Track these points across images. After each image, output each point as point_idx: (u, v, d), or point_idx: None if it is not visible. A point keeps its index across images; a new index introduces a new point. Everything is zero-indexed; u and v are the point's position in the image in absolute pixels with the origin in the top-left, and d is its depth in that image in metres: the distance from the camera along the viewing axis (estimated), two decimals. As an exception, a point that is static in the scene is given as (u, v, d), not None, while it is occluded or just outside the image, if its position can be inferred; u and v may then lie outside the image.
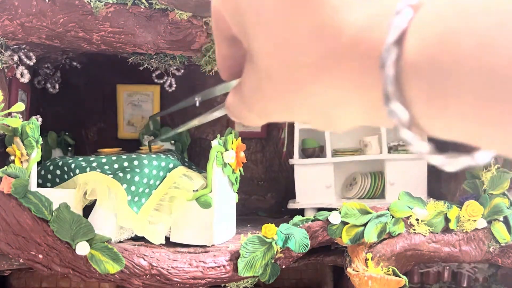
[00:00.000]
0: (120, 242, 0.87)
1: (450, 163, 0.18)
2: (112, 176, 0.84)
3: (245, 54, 0.26)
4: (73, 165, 0.88)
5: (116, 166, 0.88)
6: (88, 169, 0.86)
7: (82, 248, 0.76)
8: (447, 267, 1.06)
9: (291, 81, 0.21)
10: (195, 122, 0.36)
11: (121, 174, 0.85)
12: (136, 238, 0.89)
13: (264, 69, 0.22)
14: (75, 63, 1.15)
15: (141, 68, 1.03)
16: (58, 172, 0.90)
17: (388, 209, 0.87)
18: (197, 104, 0.38)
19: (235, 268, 0.82)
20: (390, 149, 1.07)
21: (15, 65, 0.90)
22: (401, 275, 0.84)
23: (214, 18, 0.25)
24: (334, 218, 0.86)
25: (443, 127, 0.17)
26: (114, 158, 0.90)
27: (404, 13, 0.17)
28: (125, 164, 0.89)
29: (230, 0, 0.23)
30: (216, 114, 0.32)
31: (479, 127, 0.16)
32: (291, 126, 1.16)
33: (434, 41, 0.16)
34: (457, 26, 0.16)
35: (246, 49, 0.24)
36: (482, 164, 0.18)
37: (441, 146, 0.19)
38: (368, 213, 0.86)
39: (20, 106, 0.80)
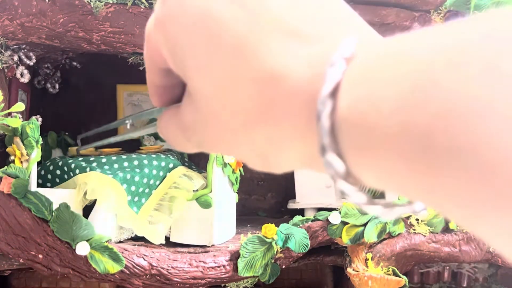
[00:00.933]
0: (120, 242, 0.87)
1: (387, 213, 0.18)
2: (112, 176, 0.84)
3: (180, 84, 0.26)
4: (73, 165, 0.88)
5: (116, 166, 0.88)
6: (88, 169, 0.86)
7: (82, 248, 0.76)
8: (447, 267, 1.06)
9: (232, 125, 0.21)
10: (129, 135, 0.37)
11: (121, 174, 0.85)
12: (136, 238, 0.89)
13: (204, 110, 0.22)
14: (75, 63, 1.15)
15: (141, 68, 1.03)
16: (58, 172, 0.90)
17: (388, 209, 0.87)
18: (128, 126, 0.38)
19: (235, 268, 0.82)
20: (390, 149, 1.07)
21: (15, 65, 0.90)
22: (401, 275, 0.84)
23: (149, 49, 0.25)
24: (334, 218, 0.86)
25: (375, 179, 0.17)
26: (114, 158, 0.90)
27: (338, 65, 0.17)
28: (125, 164, 0.89)
29: (168, 36, 0.22)
30: (150, 130, 0.32)
31: (404, 180, 0.16)
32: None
33: (361, 97, 0.17)
34: (382, 82, 0.16)
35: (184, 83, 0.24)
36: (420, 212, 0.18)
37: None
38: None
39: (20, 106, 0.80)
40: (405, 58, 0.16)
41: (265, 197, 1.28)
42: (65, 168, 0.89)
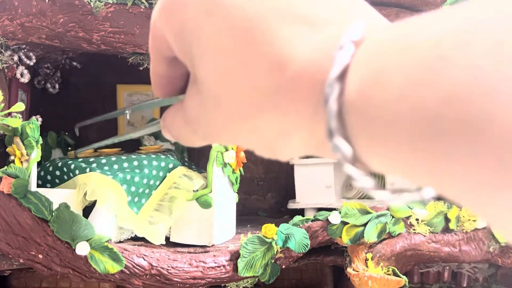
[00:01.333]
0: (120, 242, 0.87)
1: (394, 199, 0.18)
2: (112, 176, 0.84)
3: (183, 74, 0.26)
4: (72, 166, 0.88)
5: (116, 166, 0.88)
6: (87, 169, 0.86)
7: (82, 248, 0.76)
8: (447, 267, 1.06)
9: (238, 112, 0.21)
10: (130, 135, 0.37)
11: (121, 175, 0.85)
12: (136, 238, 0.89)
13: (211, 97, 0.22)
14: (75, 63, 1.15)
15: (141, 68, 1.03)
16: (57, 173, 0.90)
17: (388, 209, 0.87)
18: (128, 116, 0.38)
19: (235, 268, 0.82)
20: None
21: (15, 65, 0.90)
22: (401, 275, 0.84)
23: (153, 36, 0.24)
24: (334, 218, 0.86)
25: (383, 163, 0.17)
26: (113, 158, 0.90)
27: (347, 48, 0.17)
28: (125, 164, 0.89)
29: (175, 23, 0.22)
30: (151, 129, 0.32)
31: (411, 166, 0.16)
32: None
33: (370, 80, 0.16)
34: (391, 64, 0.16)
35: (190, 72, 0.24)
36: (428, 199, 0.18)
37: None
38: (368, 213, 0.86)
39: (20, 106, 0.80)
40: (413, 41, 0.16)
41: (265, 197, 1.28)
42: (65, 169, 0.89)
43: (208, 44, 0.21)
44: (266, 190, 1.28)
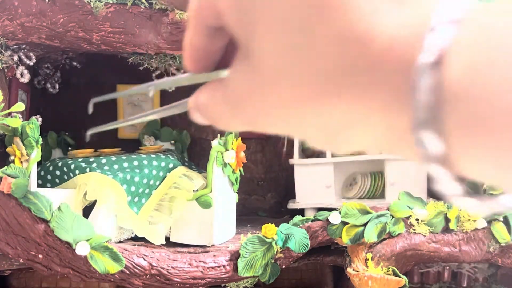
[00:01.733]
0: (120, 242, 0.87)
1: (482, 207, 0.16)
2: (112, 176, 0.84)
3: (221, 48, 0.23)
4: (72, 166, 0.88)
5: (116, 166, 0.88)
6: (88, 169, 0.86)
7: (82, 248, 0.76)
8: (447, 267, 1.06)
9: (300, 92, 0.18)
10: (152, 116, 0.33)
11: (121, 175, 0.85)
12: (136, 238, 0.89)
13: (268, 74, 0.19)
14: (75, 63, 1.15)
15: (141, 68, 1.03)
16: (57, 173, 0.90)
17: (388, 209, 0.87)
18: (150, 94, 0.34)
19: (235, 268, 0.82)
20: (390, 149, 1.07)
21: (15, 65, 0.90)
22: (401, 275, 0.84)
23: (200, 3, 0.21)
24: (334, 218, 0.86)
25: (482, 168, 0.15)
26: (113, 158, 0.90)
27: (441, 30, 0.15)
28: (125, 164, 0.89)
29: None
30: (175, 110, 0.29)
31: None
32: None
33: (480, 69, 0.14)
34: (504, 50, 0.14)
35: (240, 45, 0.21)
36: None
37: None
38: (368, 213, 0.86)
39: (20, 106, 0.80)
40: None
41: (265, 197, 1.28)
42: (65, 169, 0.89)
43: (273, 14, 0.18)
44: (266, 190, 1.28)
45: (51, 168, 0.91)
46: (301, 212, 1.07)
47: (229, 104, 0.22)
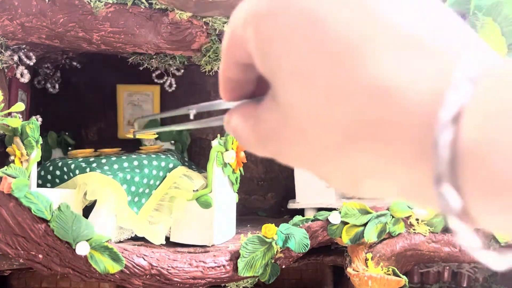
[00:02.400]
0: (120, 242, 0.87)
1: (500, 262, 0.16)
2: (112, 176, 0.84)
3: (254, 80, 0.24)
4: (72, 166, 0.88)
5: (116, 166, 0.88)
6: (88, 169, 0.86)
7: (82, 248, 0.76)
8: (447, 267, 1.06)
9: (326, 143, 0.19)
10: (191, 126, 0.35)
11: (121, 175, 0.85)
12: (136, 238, 0.89)
13: (294, 121, 0.20)
14: (75, 63, 1.15)
15: (141, 68, 1.03)
16: (57, 172, 0.90)
17: (388, 209, 0.87)
18: (191, 116, 0.36)
19: (235, 268, 0.82)
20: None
21: (15, 65, 0.90)
22: (401, 275, 0.84)
23: (231, 43, 0.22)
24: (334, 218, 0.86)
25: (497, 222, 0.15)
26: (113, 158, 0.90)
27: (462, 87, 0.15)
28: (125, 164, 0.89)
29: (264, 35, 0.20)
30: (214, 123, 0.30)
31: None
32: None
33: (496, 129, 0.14)
34: None
35: (269, 85, 0.21)
36: None
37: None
38: (368, 213, 0.86)
39: (20, 106, 0.80)
40: None
41: (265, 197, 1.28)
42: (65, 169, 0.89)
43: (297, 64, 0.19)
44: (266, 190, 1.28)
45: (51, 168, 0.91)
46: (301, 212, 1.07)
47: (258, 135, 0.23)
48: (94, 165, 0.87)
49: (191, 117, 0.35)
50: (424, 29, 0.17)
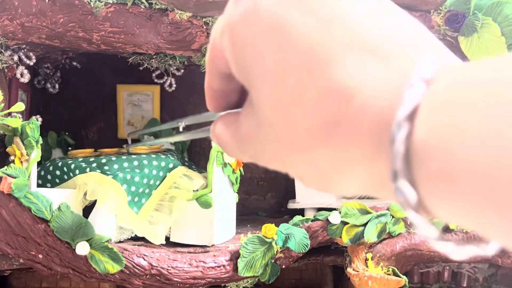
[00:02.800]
0: (120, 242, 0.87)
1: (457, 251, 0.17)
2: (112, 176, 0.84)
3: (238, 90, 0.25)
4: (72, 166, 0.88)
5: (116, 166, 0.88)
6: (88, 169, 0.86)
7: (82, 248, 0.76)
8: (447, 267, 1.06)
9: (293, 142, 0.20)
10: (180, 137, 0.37)
11: (121, 175, 0.85)
12: (136, 238, 0.89)
13: (265, 123, 0.21)
14: (75, 63, 1.15)
15: (141, 68, 1.03)
16: (57, 172, 0.90)
17: (388, 209, 0.87)
18: (181, 128, 0.37)
19: (235, 268, 0.82)
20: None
21: (15, 65, 0.90)
22: (401, 275, 0.84)
23: (212, 53, 0.24)
24: (334, 218, 0.86)
25: (451, 213, 0.16)
26: (113, 158, 0.90)
27: (418, 86, 0.16)
28: (125, 164, 0.89)
29: (238, 43, 0.21)
30: (201, 134, 0.31)
31: (487, 222, 0.15)
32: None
33: (445, 125, 0.15)
34: (471, 108, 0.15)
35: (247, 91, 0.23)
36: (492, 255, 0.17)
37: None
38: (368, 213, 0.86)
39: (20, 106, 0.80)
40: (499, 86, 0.14)
41: (265, 197, 1.28)
42: (65, 169, 0.89)
43: (267, 68, 0.20)
44: (266, 190, 1.28)
45: (51, 168, 0.91)
46: (301, 212, 1.07)
47: (237, 140, 0.24)
48: (94, 165, 0.87)
49: (180, 129, 0.37)
50: (383, 32, 0.18)
